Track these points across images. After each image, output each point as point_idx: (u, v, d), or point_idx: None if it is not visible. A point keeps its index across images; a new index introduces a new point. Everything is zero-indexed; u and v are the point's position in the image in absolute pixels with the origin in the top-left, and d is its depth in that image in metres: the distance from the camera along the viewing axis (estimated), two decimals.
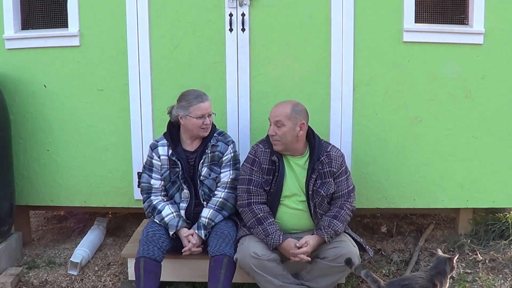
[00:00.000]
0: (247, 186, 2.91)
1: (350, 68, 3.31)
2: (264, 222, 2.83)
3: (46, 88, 3.46)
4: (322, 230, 2.82)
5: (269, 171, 2.91)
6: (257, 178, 2.91)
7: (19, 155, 3.54)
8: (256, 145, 2.99)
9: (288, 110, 2.86)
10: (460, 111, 3.37)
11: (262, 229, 2.81)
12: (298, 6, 3.26)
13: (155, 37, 3.33)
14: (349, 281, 3.15)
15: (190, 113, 2.93)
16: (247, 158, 2.98)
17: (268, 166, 2.92)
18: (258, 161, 2.92)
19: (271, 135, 2.89)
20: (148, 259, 2.78)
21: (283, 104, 2.91)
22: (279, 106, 2.92)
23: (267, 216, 2.86)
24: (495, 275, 3.22)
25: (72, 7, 3.33)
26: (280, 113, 2.86)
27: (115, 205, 3.58)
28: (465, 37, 3.29)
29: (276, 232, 2.81)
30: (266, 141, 2.98)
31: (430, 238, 3.69)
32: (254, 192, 2.90)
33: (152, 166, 3.04)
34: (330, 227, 2.82)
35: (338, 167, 2.94)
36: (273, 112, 2.90)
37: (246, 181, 2.93)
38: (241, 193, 2.93)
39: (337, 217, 2.86)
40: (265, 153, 2.93)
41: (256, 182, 2.91)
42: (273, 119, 2.88)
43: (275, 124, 2.87)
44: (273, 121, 2.88)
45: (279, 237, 2.79)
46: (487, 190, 3.47)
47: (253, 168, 2.92)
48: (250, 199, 2.90)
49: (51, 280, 3.29)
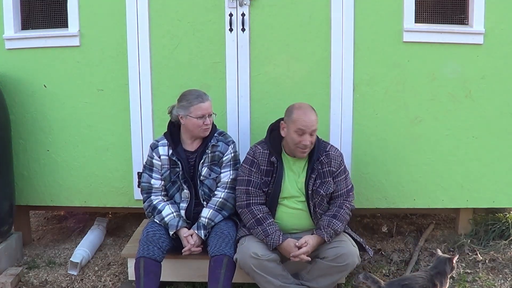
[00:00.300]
0: (246, 187, 2.91)
1: (350, 68, 3.31)
2: (264, 223, 2.83)
3: (46, 88, 3.46)
4: (322, 229, 2.82)
5: (267, 173, 2.91)
6: (256, 179, 2.91)
7: (19, 155, 3.54)
8: (255, 146, 2.99)
9: (316, 115, 2.85)
10: (460, 111, 3.37)
11: (261, 229, 2.81)
12: (298, 6, 3.26)
13: (155, 37, 3.33)
14: (349, 281, 3.15)
15: (190, 113, 2.93)
16: (246, 159, 2.97)
17: (266, 168, 2.91)
18: (257, 162, 2.92)
19: (305, 145, 2.81)
20: (148, 259, 2.78)
21: (310, 111, 2.85)
22: (309, 114, 2.83)
23: (267, 216, 2.86)
24: (495, 275, 3.22)
25: (72, 7, 3.34)
26: (314, 121, 2.82)
27: (115, 205, 3.58)
28: (465, 37, 3.29)
29: (276, 233, 2.81)
30: (264, 142, 2.97)
31: (430, 238, 3.69)
32: (253, 193, 2.91)
33: (153, 166, 3.04)
34: (330, 226, 2.82)
35: (337, 167, 2.94)
36: (308, 122, 2.80)
37: (245, 182, 2.92)
38: (240, 194, 2.93)
39: (337, 217, 2.86)
40: (264, 154, 2.92)
41: (255, 183, 2.91)
42: (310, 129, 2.80)
43: (310, 134, 2.81)
44: (309, 131, 2.80)
45: (279, 237, 2.80)
46: (487, 190, 3.47)
47: (251, 169, 2.92)
48: (249, 200, 2.90)
49: (51, 280, 3.29)
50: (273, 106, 3.34)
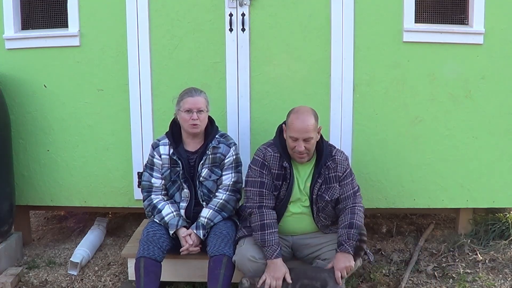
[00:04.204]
0: (259, 189, 2.81)
1: (350, 68, 3.31)
2: (266, 231, 2.74)
3: (46, 88, 3.46)
4: (344, 244, 2.71)
5: (278, 176, 2.83)
6: (269, 181, 2.82)
7: (19, 155, 3.54)
8: (264, 148, 2.88)
9: (313, 122, 2.73)
10: (460, 111, 3.37)
11: (261, 237, 2.73)
12: (298, 6, 3.26)
13: (155, 37, 3.33)
14: (349, 281, 3.14)
15: (180, 108, 2.95)
16: (255, 160, 2.88)
17: (278, 171, 2.83)
18: (268, 165, 2.83)
19: (300, 151, 2.73)
20: (148, 259, 2.78)
21: (305, 117, 2.74)
22: (303, 121, 2.72)
23: (272, 224, 2.77)
24: (495, 275, 3.22)
25: (72, 7, 3.34)
26: (309, 128, 2.71)
27: (115, 205, 3.58)
28: (465, 37, 3.29)
29: (273, 246, 2.70)
30: (274, 144, 2.88)
31: (430, 238, 3.69)
32: (266, 195, 2.81)
33: (153, 165, 3.04)
34: (351, 239, 2.73)
35: (343, 171, 2.88)
36: (300, 129, 2.70)
37: (257, 183, 2.83)
38: (253, 196, 2.82)
39: (353, 225, 2.77)
40: (275, 158, 2.83)
41: (268, 186, 2.82)
42: (302, 136, 2.70)
43: (304, 141, 2.72)
44: (302, 138, 2.71)
45: (273, 253, 2.70)
46: (487, 190, 3.47)
47: (262, 171, 2.83)
48: (262, 202, 2.80)
49: (51, 280, 3.29)
50: (273, 106, 3.35)
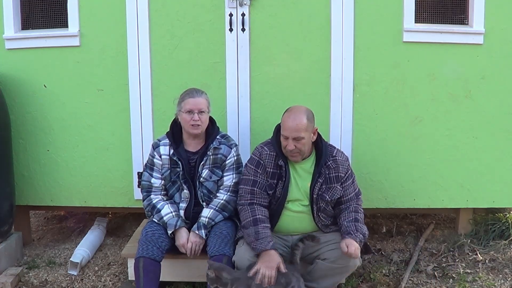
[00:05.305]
0: (251, 187, 2.85)
1: (350, 68, 3.30)
2: (259, 225, 2.75)
3: (46, 88, 3.46)
4: (352, 234, 2.71)
5: (273, 175, 2.85)
6: (262, 180, 2.85)
7: (19, 155, 3.54)
8: (261, 147, 2.91)
9: (305, 121, 2.73)
10: (460, 111, 3.37)
11: (254, 231, 2.73)
12: (298, 6, 3.26)
13: (155, 37, 3.33)
14: (349, 281, 3.14)
15: (181, 108, 2.95)
16: (251, 159, 2.92)
17: (273, 170, 2.85)
18: (263, 164, 2.86)
19: (290, 150, 2.75)
20: (147, 259, 2.78)
21: (297, 116, 2.75)
22: (294, 119, 2.74)
23: (264, 219, 2.78)
24: (495, 275, 3.22)
25: (72, 7, 3.34)
26: (299, 127, 2.72)
27: (115, 205, 3.58)
28: (465, 37, 3.29)
29: (267, 238, 2.70)
30: (271, 143, 2.90)
31: (430, 238, 3.69)
32: (258, 194, 2.84)
33: (153, 165, 3.04)
34: (358, 231, 2.73)
35: (344, 172, 2.89)
36: (290, 127, 2.72)
37: (250, 182, 2.86)
38: (244, 193, 2.86)
39: (359, 220, 2.79)
40: (271, 157, 2.86)
41: (261, 185, 2.85)
42: (292, 135, 2.72)
43: (294, 139, 2.73)
44: (291, 137, 2.72)
45: (269, 244, 2.69)
46: (487, 190, 3.48)
47: (257, 170, 2.86)
48: (253, 200, 2.84)
49: (51, 280, 3.29)
50: (273, 106, 3.34)
